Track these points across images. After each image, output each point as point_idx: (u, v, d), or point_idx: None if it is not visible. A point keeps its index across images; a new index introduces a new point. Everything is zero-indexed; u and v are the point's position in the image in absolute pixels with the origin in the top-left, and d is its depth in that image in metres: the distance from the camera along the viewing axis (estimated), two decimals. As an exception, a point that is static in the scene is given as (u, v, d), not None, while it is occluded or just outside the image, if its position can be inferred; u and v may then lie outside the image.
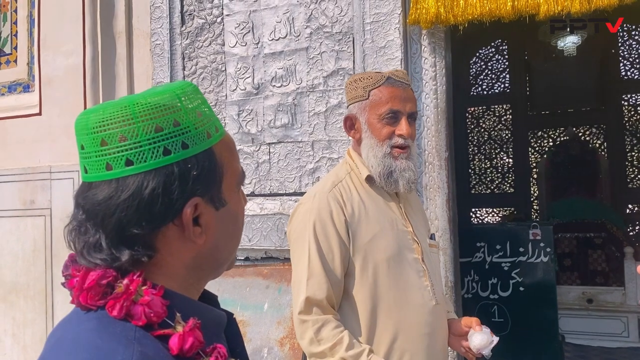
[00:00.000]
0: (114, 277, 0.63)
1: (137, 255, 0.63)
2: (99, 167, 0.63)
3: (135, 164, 0.62)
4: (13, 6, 3.65)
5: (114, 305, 0.61)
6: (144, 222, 0.63)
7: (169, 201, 0.63)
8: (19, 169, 3.46)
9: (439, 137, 2.52)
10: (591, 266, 5.16)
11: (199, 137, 0.67)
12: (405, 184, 1.51)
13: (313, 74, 2.74)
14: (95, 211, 0.63)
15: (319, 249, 1.42)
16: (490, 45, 6.34)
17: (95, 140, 0.63)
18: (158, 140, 0.63)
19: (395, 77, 1.53)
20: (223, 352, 0.65)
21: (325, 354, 1.35)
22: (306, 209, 1.48)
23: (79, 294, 0.63)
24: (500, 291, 3.90)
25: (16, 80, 3.63)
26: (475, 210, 6.60)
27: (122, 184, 0.62)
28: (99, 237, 0.63)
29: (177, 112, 0.65)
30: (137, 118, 0.63)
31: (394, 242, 1.49)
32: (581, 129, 6.25)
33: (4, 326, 3.47)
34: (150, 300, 0.62)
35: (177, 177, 0.63)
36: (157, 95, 0.65)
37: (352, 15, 2.65)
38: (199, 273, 0.71)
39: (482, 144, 6.50)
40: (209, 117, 0.70)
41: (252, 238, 2.82)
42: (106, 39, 3.28)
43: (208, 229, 0.68)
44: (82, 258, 0.64)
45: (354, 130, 1.58)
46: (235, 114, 2.92)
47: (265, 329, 2.60)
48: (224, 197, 0.70)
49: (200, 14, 3.01)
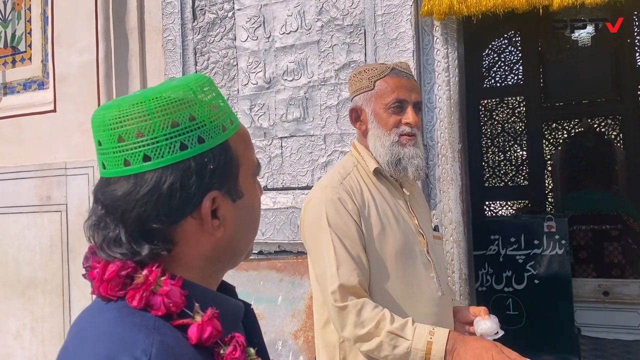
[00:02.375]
0: (133, 269, 0.64)
1: (156, 250, 0.64)
2: (117, 163, 0.64)
3: (153, 160, 0.63)
4: (27, 4, 3.69)
5: (133, 295, 0.62)
6: (163, 217, 0.64)
7: (187, 195, 0.64)
8: (35, 166, 3.50)
9: (452, 129, 2.50)
10: (607, 258, 5.10)
11: (215, 131, 0.67)
12: (414, 171, 1.52)
13: (324, 67, 2.74)
14: (114, 206, 0.64)
15: (341, 237, 1.41)
16: (503, 37, 6.26)
17: (113, 137, 0.64)
18: (174, 135, 0.64)
19: (399, 68, 1.55)
20: (241, 341, 0.66)
21: (371, 333, 1.33)
22: (318, 202, 1.47)
23: (100, 285, 0.64)
24: (514, 284, 3.88)
25: (31, 77, 3.68)
26: (489, 204, 6.55)
27: (141, 180, 0.63)
28: (118, 232, 0.64)
29: (192, 107, 0.65)
30: (153, 114, 0.63)
31: (401, 235, 1.49)
32: (596, 120, 6.16)
33: (22, 320, 3.53)
34: (169, 291, 0.63)
35: (195, 172, 0.64)
36: (172, 90, 0.65)
37: (364, 7, 2.64)
38: (217, 264, 0.73)
39: (495, 137, 6.44)
40: (224, 110, 0.70)
41: (266, 232, 2.83)
42: (119, 35, 3.30)
43: (226, 221, 0.69)
44: (102, 252, 0.66)
45: (360, 122, 1.59)
46: (247, 109, 2.93)
47: (279, 322, 2.61)
48: (240, 189, 0.71)
49: (212, 8, 3.02)
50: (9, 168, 3.61)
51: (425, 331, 1.32)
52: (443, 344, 1.29)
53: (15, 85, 3.73)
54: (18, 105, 3.64)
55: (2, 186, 3.63)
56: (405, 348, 1.30)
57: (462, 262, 2.49)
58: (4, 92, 3.77)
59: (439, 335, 1.31)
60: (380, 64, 1.59)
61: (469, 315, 1.55)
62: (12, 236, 3.58)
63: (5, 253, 3.60)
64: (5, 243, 3.61)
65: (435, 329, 1.33)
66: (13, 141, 3.62)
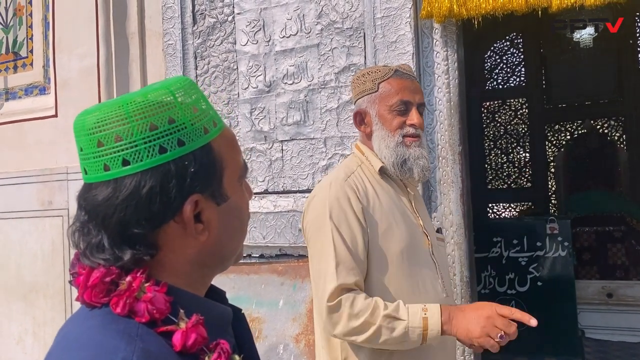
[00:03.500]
0: (117, 275, 0.63)
1: (139, 255, 0.63)
2: (97, 168, 0.64)
3: (132, 164, 0.62)
4: (28, 10, 3.71)
5: (117, 302, 0.62)
6: (143, 222, 0.63)
7: (168, 199, 0.63)
8: (37, 170, 3.51)
9: (452, 131, 2.50)
10: (611, 260, 5.08)
11: (196, 133, 0.66)
12: (420, 171, 1.52)
13: (324, 71, 2.74)
14: (96, 212, 0.64)
15: (342, 235, 1.40)
16: (505, 39, 6.26)
17: (92, 142, 0.63)
18: (153, 138, 0.63)
19: (402, 70, 1.56)
20: (226, 348, 0.65)
21: (368, 322, 1.33)
22: (322, 198, 1.46)
23: (84, 292, 0.64)
24: (517, 286, 3.87)
25: (32, 83, 3.69)
26: (492, 206, 6.54)
27: (120, 185, 0.62)
28: (101, 238, 0.64)
29: (172, 109, 0.64)
30: (131, 117, 0.62)
31: (407, 234, 1.48)
32: (599, 121, 6.15)
33: (24, 325, 3.53)
34: (153, 297, 0.62)
35: (175, 175, 0.63)
36: (151, 93, 0.65)
37: (363, 10, 2.64)
38: (203, 269, 0.71)
39: (498, 139, 6.43)
40: (206, 112, 0.69)
41: (267, 235, 2.82)
42: (119, 40, 3.31)
43: (210, 225, 0.68)
44: (85, 258, 0.65)
45: (364, 125, 1.59)
46: (248, 112, 2.93)
47: (280, 325, 2.60)
48: (225, 192, 0.70)
49: (212, 13, 3.02)
50: (10, 173, 3.62)
51: (418, 309, 1.35)
52: (438, 316, 1.33)
53: (17, 91, 3.74)
54: (20, 110, 3.66)
55: (4, 191, 3.64)
56: (402, 328, 1.32)
57: (464, 264, 2.48)
58: (5, 98, 3.78)
59: (432, 310, 1.35)
60: (382, 66, 1.60)
61: None
62: (14, 241, 3.59)
63: (7, 258, 3.61)
64: (7, 248, 3.62)
65: (427, 305, 1.36)
66: (15, 146, 3.63)
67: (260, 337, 2.61)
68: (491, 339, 1.29)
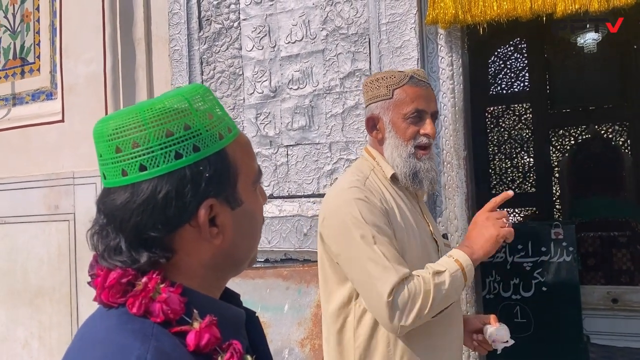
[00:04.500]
0: (134, 276, 0.65)
1: (155, 257, 0.65)
2: (115, 173, 0.65)
3: (149, 169, 0.64)
4: (36, 16, 3.74)
5: (133, 302, 0.63)
6: (159, 225, 0.65)
7: (183, 204, 0.65)
8: (44, 175, 3.53)
9: (457, 136, 2.51)
10: (616, 265, 5.07)
11: (211, 139, 0.67)
12: (429, 184, 1.53)
13: (329, 76, 2.75)
14: (114, 216, 0.66)
15: (380, 234, 1.38)
16: (509, 44, 6.28)
17: (111, 148, 0.65)
18: (169, 144, 0.65)
19: (417, 77, 1.53)
20: (238, 349, 0.66)
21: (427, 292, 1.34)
22: (346, 201, 1.43)
23: (101, 292, 0.66)
24: (522, 291, 3.85)
25: (39, 88, 3.72)
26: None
27: (137, 189, 0.64)
28: (118, 241, 0.65)
29: (187, 116, 0.66)
30: (148, 124, 0.64)
31: (421, 240, 1.49)
32: (603, 126, 6.15)
33: (30, 329, 3.55)
34: (168, 297, 0.64)
35: (190, 180, 0.65)
36: (167, 100, 0.67)
37: (368, 16, 2.65)
38: (218, 272, 0.73)
39: (502, 144, 6.43)
40: (221, 119, 0.71)
41: (272, 240, 2.83)
42: (126, 46, 3.34)
43: (225, 229, 0.70)
44: (103, 260, 0.67)
45: (376, 131, 1.57)
46: (253, 117, 2.95)
47: (285, 330, 2.61)
48: (239, 197, 0.71)
49: (218, 19, 3.05)
50: (17, 178, 3.64)
51: (444, 259, 1.42)
52: (462, 254, 1.41)
53: (24, 96, 3.77)
54: (27, 115, 3.68)
55: (10, 195, 3.66)
56: (448, 277, 1.36)
57: (469, 269, 2.48)
58: (13, 103, 3.81)
59: (454, 252, 1.43)
60: (398, 71, 1.57)
61: (478, 324, 1.54)
62: (20, 245, 3.61)
63: (14, 262, 3.63)
64: (13, 252, 3.64)
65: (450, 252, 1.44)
66: (22, 151, 3.66)
67: (266, 342, 2.61)
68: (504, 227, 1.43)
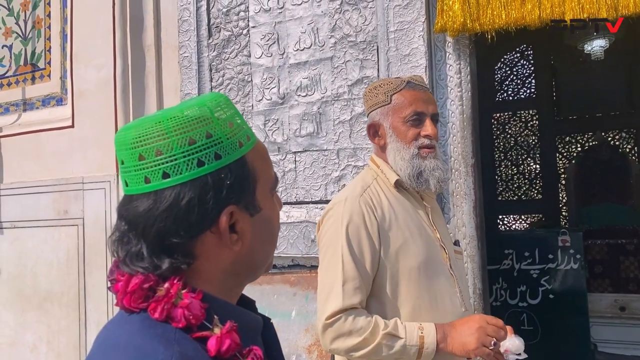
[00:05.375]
0: (155, 282, 0.66)
1: (176, 263, 0.66)
2: (138, 180, 0.66)
3: (172, 177, 0.65)
4: (47, 23, 3.78)
5: (155, 307, 0.64)
6: (182, 232, 0.65)
7: (205, 211, 0.66)
8: (53, 180, 3.56)
9: (465, 143, 2.52)
10: (623, 273, 5.04)
11: (231, 147, 0.69)
12: (436, 183, 1.52)
13: (338, 83, 2.77)
14: (136, 222, 0.66)
15: (352, 252, 1.41)
16: (515, 51, 6.28)
17: (134, 155, 0.66)
18: (192, 152, 0.66)
19: (414, 81, 1.56)
20: (259, 355, 0.67)
21: (367, 339, 1.36)
22: (337, 213, 1.47)
23: (123, 297, 0.66)
24: (529, 299, 3.84)
25: (50, 94, 3.75)
26: (502, 217, 6.52)
27: (160, 196, 0.65)
28: (140, 247, 0.66)
29: (209, 124, 0.67)
30: (171, 132, 0.65)
31: (424, 248, 1.48)
32: (610, 133, 6.13)
33: (39, 333, 3.57)
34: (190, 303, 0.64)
35: (212, 187, 0.66)
36: (189, 109, 0.67)
37: (376, 24, 2.67)
38: (237, 278, 0.74)
39: (508, 150, 6.42)
40: (241, 127, 0.72)
41: (279, 246, 2.84)
42: (136, 52, 3.37)
43: (244, 235, 0.71)
44: (125, 266, 0.68)
45: (378, 137, 1.59)
46: (262, 124, 2.96)
47: (293, 336, 2.62)
48: (258, 204, 0.73)
49: (227, 26, 3.07)
50: (27, 182, 3.67)
51: (414, 327, 1.39)
52: (434, 335, 1.37)
53: (34, 102, 3.81)
54: (37, 121, 3.72)
55: (20, 200, 3.69)
56: (400, 345, 1.36)
57: (476, 276, 2.48)
58: (23, 109, 3.85)
59: (428, 328, 1.38)
60: (395, 78, 1.60)
61: None
62: (29, 250, 3.64)
63: (24, 266, 3.65)
64: (23, 256, 3.66)
65: (423, 324, 1.39)
66: (32, 156, 3.69)
67: (273, 347, 2.62)
68: (486, 348, 1.35)
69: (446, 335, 1.37)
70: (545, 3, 2.24)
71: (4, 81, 3.95)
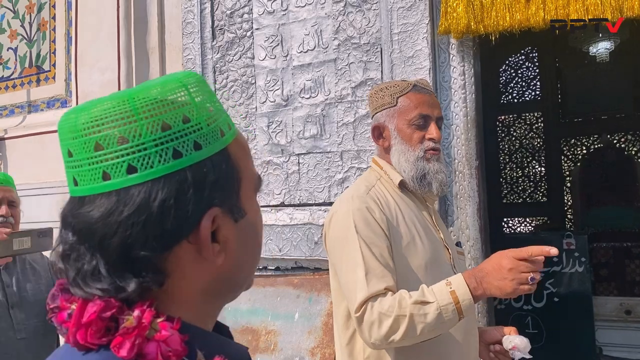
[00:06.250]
0: (118, 308, 0.51)
1: (146, 283, 0.52)
2: (93, 177, 0.52)
3: (140, 171, 0.51)
4: (52, 25, 3.80)
5: (122, 343, 0.49)
6: (153, 242, 0.51)
7: (183, 214, 0.52)
8: (58, 182, 3.57)
9: (469, 145, 2.51)
10: (629, 276, 5.01)
11: (213, 136, 0.56)
12: (438, 186, 1.53)
13: (341, 85, 2.77)
14: (90, 232, 0.52)
15: (369, 245, 1.38)
16: (520, 53, 6.26)
17: (87, 145, 0.52)
18: (166, 140, 0.52)
19: (420, 85, 1.57)
20: None
21: (398, 317, 1.28)
22: (346, 211, 1.45)
23: (76, 331, 0.51)
24: (534, 302, 3.83)
25: (54, 96, 3.77)
26: (507, 220, 6.50)
27: (125, 197, 0.51)
28: (96, 263, 0.52)
29: (186, 106, 0.54)
30: (139, 114, 0.52)
31: (430, 246, 1.48)
32: (616, 135, 6.10)
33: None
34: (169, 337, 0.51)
35: (192, 185, 0.53)
36: (160, 87, 0.54)
37: (380, 26, 2.67)
38: (216, 298, 0.61)
39: (513, 153, 6.40)
40: (220, 113, 0.59)
41: (283, 248, 2.84)
42: (140, 54, 3.38)
43: (227, 245, 0.58)
44: (76, 288, 0.52)
45: (382, 139, 1.60)
46: (265, 126, 2.96)
47: (296, 338, 2.61)
48: (243, 206, 0.60)
49: (231, 28, 3.08)
50: (31, 184, 3.68)
51: (442, 286, 1.31)
52: (464, 285, 1.28)
53: (39, 104, 3.82)
54: (41, 123, 3.73)
55: (24, 202, 3.68)
56: (434, 310, 1.27)
57: (480, 279, 2.47)
58: (28, 111, 3.87)
59: (457, 281, 1.30)
60: (401, 80, 1.61)
61: (497, 335, 1.51)
62: (34, 251, 3.64)
63: (27, 268, 3.66)
64: (27, 258, 3.67)
65: (450, 279, 1.32)
66: (36, 158, 3.70)
67: (276, 350, 2.61)
68: (525, 285, 1.25)
69: (479, 281, 1.28)
70: (550, 5, 2.23)
71: (9, 83, 3.96)
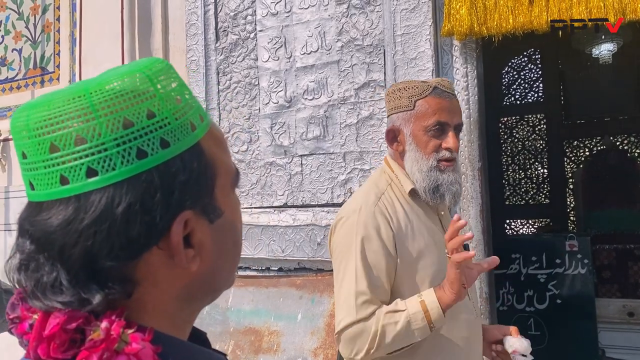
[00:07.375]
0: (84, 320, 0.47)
1: (112, 295, 0.48)
2: (50, 181, 0.47)
3: (101, 174, 0.47)
4: (56, 26, 3.81)
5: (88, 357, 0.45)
6: (118, 251, 0.47)
7: (151, 220, 0.48)
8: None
9: (472, 147, 2.51)
10: (632, 278, 5.00)
11: (182, 131, 0.51)
12: (452, 198, 1.46)
13: (344, 87, 2.77)
14: (49, 241, 0.47)
15: (365, 266, 1.36)
16: (523, 55, 6.26)
17: (42, 146, 0.47)
18: (128, 139, 0.48)
19: (441, 87, 1.46)
20: None
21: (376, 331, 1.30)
22: (352, 223, 1.42)
23: (37, 345, 0.47)
24: (536, 304, 3.83)
25: (58, 97, 3.78)
26: (509, 222, 6.49)
27: (85, 203, 0.47)
28: (57, 275, 0.47)
29: (150, 100, 0.49)
30: (97, 111, 0.47)
31: (437, 257, 1.45)
32: (618, 137, 6.10)
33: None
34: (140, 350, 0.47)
35: (159, 187, 0.48)
36: (120, 78, 0.49)
37: (383, 27, 2.68)
38: (192, 305, 0.57)
39: (516, 155, 6.40)
40: (190, 104, 0.54)
41: (285, 249, 2.85)
42: (144, 56, 3.39)
43: (203, 249, 0.54)
44: (35, 300, 0.48)
45: (397, 143, 1.51)
46: (268, 127, 2.97)
47: (298, 339, 2.61)
48: (219, 205, 0.55)
49: (234, 30, 3.09)
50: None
51: (414, 297, 1.34)
52: (432, 294, 1.31)
53: (43, 105, 3.84)
54: (46, 123, 3.75)
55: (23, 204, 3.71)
56: (404, 318, 1.30)
57: (483, 281, 2.48)
58: (32, 111, 3.88)
59: (427, 291, 1.34)
60: (421, 81, 1.49)
61: (498, 334, 1.51)
62: (37, 251, 3.65)
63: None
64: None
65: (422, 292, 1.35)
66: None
67: (279, 351, 2.62)
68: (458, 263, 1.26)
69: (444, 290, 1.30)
70: (553, 7, 2.24)
71: (14, 84, 3.98)
